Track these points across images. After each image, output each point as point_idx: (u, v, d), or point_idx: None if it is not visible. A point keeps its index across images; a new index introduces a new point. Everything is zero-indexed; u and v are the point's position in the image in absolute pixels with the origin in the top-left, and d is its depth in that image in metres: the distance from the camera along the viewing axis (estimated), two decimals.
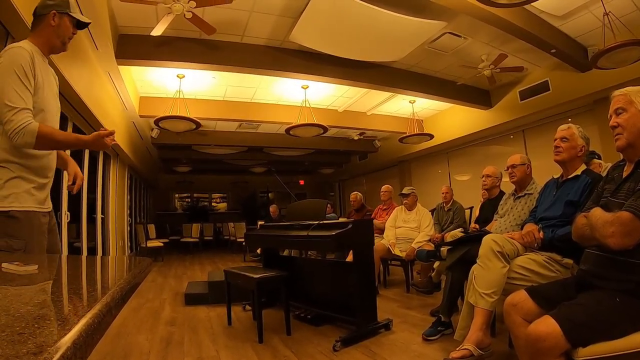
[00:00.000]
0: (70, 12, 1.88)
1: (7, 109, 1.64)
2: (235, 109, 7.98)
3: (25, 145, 1.69)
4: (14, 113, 1.65)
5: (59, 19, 1.86)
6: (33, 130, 1.67)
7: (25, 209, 1.75)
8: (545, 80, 6.74)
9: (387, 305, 4.20)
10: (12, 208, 1.71)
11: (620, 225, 1.46)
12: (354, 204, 6.58)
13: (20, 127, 1.64)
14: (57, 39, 1.89)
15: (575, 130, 2.47)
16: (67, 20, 1.88)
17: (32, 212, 1.79)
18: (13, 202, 1.71)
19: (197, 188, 17.74)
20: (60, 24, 1.86)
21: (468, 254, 2.76)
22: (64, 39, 1.91)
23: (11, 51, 1.72)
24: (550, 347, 1.46)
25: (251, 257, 9.59)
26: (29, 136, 1.66)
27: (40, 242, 1.84)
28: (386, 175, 13.15)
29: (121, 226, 8.52)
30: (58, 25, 1.86)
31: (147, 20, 4.71)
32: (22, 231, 1.73)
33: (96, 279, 1.15)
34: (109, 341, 3.17)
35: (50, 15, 1.83)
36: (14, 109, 1.65)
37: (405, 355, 2.72)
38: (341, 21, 4.79)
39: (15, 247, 1.69)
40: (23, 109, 1.67)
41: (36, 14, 1.87)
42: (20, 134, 1.64)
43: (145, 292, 5.38)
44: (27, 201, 1.77)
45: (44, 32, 1.86)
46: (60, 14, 1.85)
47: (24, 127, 1.65)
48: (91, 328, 0.50)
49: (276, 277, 3.33)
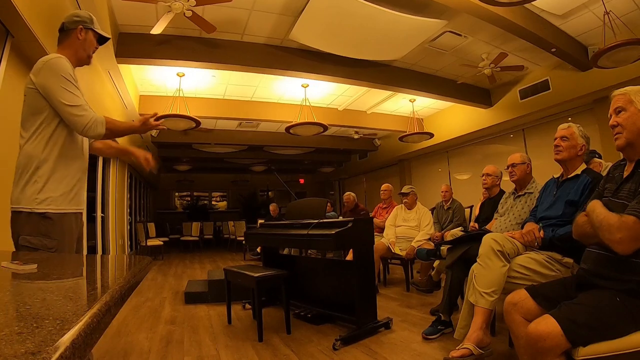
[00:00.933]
0: (94, 28, 2.06)
1: (71, 108, 1.82)
2: (235, 108, 7.97)
3: (98, 136, 1.90)
4: (82, 109, 1.84)
5: (85, 33, 2.02)
6: (103, 121, 1.89)
7: (60, 211, 1.87)
8: (546, 79, 6.73)
9: (387, 304, 4.20)
10: (47, 210, 1.82)
11: (627, 230, 1.46)
12: (348, 205, 6.58)
13: (92, 120, 1.84)
14: (83, 52, 2.04)
15: (576, 130, 2.47)
16: (92, 35, 2.05)
17: (65, 214, 1.91)
18: (50, 205, 1.83)
19: (197, 187, 17.75)
20: (87, 38, 2.03)
21: (468, 252, 2.77)
22: (89, 52, 2.07)
23: (53, 61, 1.84)
24: (551, 346, 1.46)
25: (251, 255, 9.60)
26: (101, 127, 1.87)
27: (71, 242, 1.97)
28: (386, 174, 13.15)
29: (121, 225, 8.52)
30: (85, 40, 2.02)
31: (147, 18, 4.71)
32: (56, 231, 1.85)
33: (96, 278, 1.15)
34: (109, 340, 3.17)
35: (78, 30, 1.99)
36: (78, 106, 1.83)
37: (405, 354, 2.72)
38: (341, 20, 4.78)
39: (49, 245, 1.81)
40: (85, 105, 1.86)
41: (63, 29, 2.01)
42: (94, 126, 1.85)
43: (145, 291, 5.39)
44: (62, 203, 1.89)
45: (72, 45, 2.01)
46: (86, 29, 2.02)
47: (95, 119, 1.85)
48: (90, 327, 0.50)
49: (276, 276, 3.32)
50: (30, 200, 1.80)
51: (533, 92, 7.00)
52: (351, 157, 14.73)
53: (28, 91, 1.85)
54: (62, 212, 1.89)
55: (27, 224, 1.80)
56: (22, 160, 1.84)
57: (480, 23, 4.75)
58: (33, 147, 1.83)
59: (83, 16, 2.03)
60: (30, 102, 1.85)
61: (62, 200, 1.89)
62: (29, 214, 1.80)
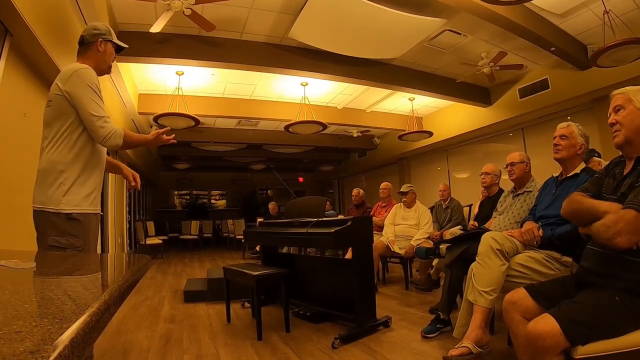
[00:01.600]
0: (113, 40, 2.17)
1: (95, 118, 1.93)
2: (234, 106, 7.96)
3: (115, 147, 2.00)
4: (104, 120, 1.95)
5: (105, 45, 2.13)
6: (121, 133, 2.00)
7: (84, 212, 1.98)
8: (545, 78, 6.72)
9: (386, 303, 4.20)
10: (73, 211, 1.92)
11: (626, 223, 1.46)
12: (356, 199, 6.57)
13: (112, 132, 1.96)
14: (104, 64, 2.16)
15: (575, 129, 2.47)
16: (110, 46, 2.17)
17: (88, 214, 2.02)
18: (75, 206, 1.94)
19: (196, 185, 17.73)
20: (106, 50, 2.15)
21: (467, 251, 2.77)
22: (109, 63, 2.19)
23: (82, 71, 1.95)
24: (550, 345, 1.46)
25: (250, 254, 9.60)
26: (119, 139, 1.99)
27: (95, 241, 2.11)
28: (385, 173, 13.15)
29: (120, 223, 8.51)
30: (105, 51, 2.14)
31: (146, 17, 4.70)
32: (82, 231, 1.96)
33: (95, 277, 1.15)
34: (109, 338, 3.17)
35: (98, 42, 2.11)
36: (101, 117, 1.95)
37: (404, 353, 2.72)
38: (341, 18, 4.77)
39: (76, 245, 1.92)
40: (107, 117, 1.98)
41: (84, 41, 2.11)
42: (113, 137, 1.96)
43: (144, 290, 5.39)
44: (85, 204, 1.99)
45: (93, 57, 2.11)
46: (105, 41, 2.13)
47: (114, 131, 1.97)
48: (89, 326, 0.50)
49: (275, 275, 3.33)
50: (57, 202, 1.90)
51: (532, 91, 6.99)
52: (350, 156, 14.72)
53: (55, 97, 1.93)
54: (85, 212, 1.99)
55: (55, 225, 1.89)
56: (45, 164, 1.93)
57: (480, 22, 4.75)
58: (59, 152, 1.92)
59: (102, 29, 2.14)
60: (56, 108, 1.93)
61: (85, 202, 1.99)
62: (56, 214, 1.89)
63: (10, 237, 2.93)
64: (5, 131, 2.96)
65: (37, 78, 3.48)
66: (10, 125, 3.06)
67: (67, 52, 3.48)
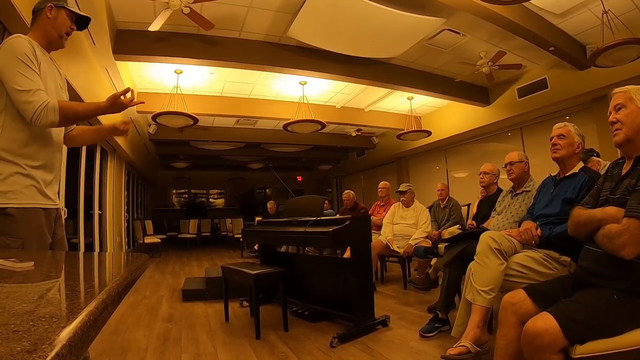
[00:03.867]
0: (66, 6, 1.87)
1: (20, 93, 1.63)
2: (233, 105, 7.96)
3: (51, 124, 1.70)
4: (31, 94, 1.64)
5: (56, 11, 1.84)
6: (55, 106, 1.67)
7: (24, 206, 1.70)
8: (544, 77, 6.74)
9: (385, 302, 4.20)
10: (9, 205, 1.65)
11: (630, 235, 1.46)
12: (347, 203, 6.56)
13: (42, 106, 1.64)
14: (54, 31, 1.86)
15: (572, 128, 2.48)
16: (64, 13, 1.87)
17: (31, 210, 1.73)
18: (11, 199, 1.66)
19: (194, 184, 17.71)
20: (57, 16, 1.85)
21: (465, 250, 2.77)
22: (60, 32, 1.88)
23: (9, 41, 1.69)
24: (549, 342, 1.46)
25: (249, 253, 9.60)
26: (52, 114, 1.66)
27: (41, 240, 1.78)
28: (384, 172, 13.16)
29: (118, 222, 8.50)
30: (55, 18, 1.84)
31: (144, 15, 4.69)
32: (19, 229, 1.68)
33: (93, 276, 1.15)
34: (106, 337, 3.16)
35: (47, 8, 1.83)
36: (28, 91, 1.63)
37: (402, 352, 2.72)
38: (339, 17, 4.77)
39: (12, 245, 1.64)
40: (38, 90, 1.66)
41: (34, 11, 1.86)
42: (44, 112, 1.64)
43: (142, 289, 5.38)
44: (27, 198, 1.72)
45: (41, 25, 1.84)
46: (56, 7, 1.84)
47: (45, 105, 1.64)
48: (87, 325, 0.49)
49: (273, 274, 3.32)
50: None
51: (531, 91, 7.01)
52: (349, 155, 14.74)
53: None
54: (26, 207, 1.71)
55: None
56: None
57: (479, 21, 4.75)
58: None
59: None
60: None
61: (27, 194, 1.72)
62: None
63: None
64: None
65: None
66: None
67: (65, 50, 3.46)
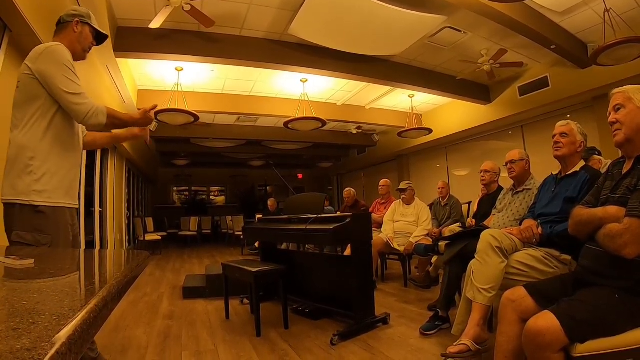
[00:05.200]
0: (91, 23, 2.05)
1: (72, 95, 1.77)
2: (233, 102, 7.95)
3: (98, 125, 1.85)
4: (82, 97, 1.79)
5: (82, 27, 2.01)
6: (103, 110, 1.84)
7: (54, 205, 1.82)
8: (545, 76, 6.72)
9: (385, 300, 4.21)
10: (42, 203, 1.77)
11: (632, 235, 1.46)
12: (348, 201, 6.56)
13: (94, 108, 1.80)
14: (79, 45, 2.02)
15: (574, 127, 2.47)
16: (88, 29, 2.05)
17: (59, 208, 1.85)
18: (45, 198, 1.78)
19: (195, 181, 17.73)
20: (82, 32, 2.02)
21: (466, 248, 2.77)
22: (84, 47, 2.05)
23: (53, 48, 1.81)
24: (550, 341, 1.46)
25: (249, 250, 9.61)
26: (102, 116, 1.83)
27: (66, 238, 1.91)
28: (384, 170, 13.14)
29: (119, 219, 8.51)
30: (80, 33, 2.01)
31: (145, 12, 4.68)
32: (50, 226, 1.79)
33: (93, 273, 1.15)
34: (107, 335, 3.17)
35: (74, 22, 1.99)
36: (79, 94, 1.79)
37: (402, 350, 2.73)
38: (340, 14, 4.76)
39: (42, 242, 1.76)
40: (85, 94, 1.81)
41: (61, 21, 2.01)
42: (95, 114, 1.80)
43: (143, 286, 5.39)
44: (57, 197, 1.83)
45: (68, 37, 1.99)
46: (82, 23, 2.02)
47: (96, 108, 1.81)
48: (87, 323, 0.49)
49: (274, 271, 3.33)
50: (25, 192, 1.74)
51: (532, 89, 6.99)
52: (350, 153, 14.72)
53: (23, 77, 1.78)
54: (56, 205, 1.82)
55: (20, 218, 1.74)
56: (14, 150, 1.77)
57: (480, 19, 4.74)
58: (28, 137, 1.76)
59: (80, 11, 2.04)
60: (24, 90, 1.78)
61: (57, 194, 1.83)
62: (22, 206, 1.74)
63: None
64: (3, 127, 2.95)
65: None
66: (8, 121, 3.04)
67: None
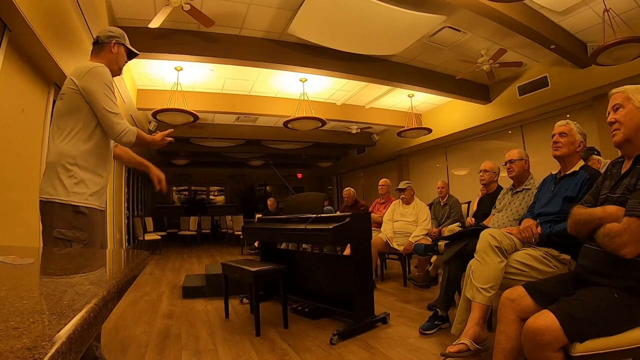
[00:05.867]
0: (125, 44, 2.26)
1: (112, 114, 1.99)
2: (233, 102, 7.94)
3: (128, 144, 2.09)
4: (120, 117, 2.02)
5: (118, 48, 2.22)
6: (134, 131, 2.08)
7: (91, 206, 2.01)
8: (544, 75, 6.72)
9: (385, 299, 4.21)
10: (83, 204, 1.96)
11: (631, 234, 1.46)
12: (347, 200, 6.56)
13: (127, 129, 2.04)
14: (116, 65, 2.23)
15: (573, 126, 2.47)
16: (123, 49, 2.26)
17: (95, 210, 2.04)
18: (84, 200, 1.97)
19: (194, 181, 17.69)
20: (119, 52, 2.23)
21: (465, 248, 2.77)
22: (120, 65, 2.27)
23: (98, 69, 2.01)
24: (549, 340, 1.46)
25: (249, 250, 9.62)
26: (132, 136, 2.06)
27: (100, 236, 2.13)
28: (384, 169, 13.15)
29: (119, 219, 8.50)
30: (117, 54, 2.22)
31: (145, 12, 4.67)
32: (88, 225, 1.98)
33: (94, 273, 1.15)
34: (107, 334, 3.17)
35: (112, 44, 2.19)
36: (117, 114, 2.01)
37: (402, 349, 2.73)
38: (340, 14, 4.76)
39: (82, 238, 1.94)
40: (121, 114, 2.04)
41: (98, 42, 2.20)
42: (128, 134, 2.04)
43: (143, 285, 5.39)
44: (94, 200, 2.03)
45: (105, 57, 2.19)
46: (118, 44, 2.22)
47: (129, 129, 2.05)
48: (87, 322, 0.49)
49: (274, 271, 3.33)
50: (65, 193, 1.92)
51: (532, 89, 6.99)
52: (349, 152, 14.71)
53: (68, 91, 1.98)
54: (93, 207, 2.01)
55: (62, 217, 1.90)
56: (55, 156, 1.95)
57: (480, 19, 4.73)
58: (72, 144, 1.96)
59: (117, 33, 2.23)
60: (69, 102, 1.98)
61: (93, 197, 2.02)
62: (63, 205, 1.91)
63: (6, 233, 2.92)
64: (2, 126, 2.95)
65: (35, 74, 3.46)
66: (8, 121, 3.05)
67: (66, 47, 3.45)
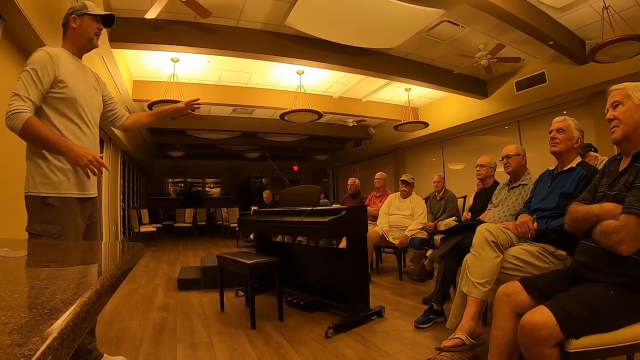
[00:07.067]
0: (88, 12, 2.07)
1: (13, 96, 1.82)
2: (229, 94, 7.90)
3: (12, 129, 1.81)
4: (15, 99, 1.81)
5: (80, 20, 2.06)
6: (23, 117, 1.78)
7: (62, 196, 1.90)
8: (542, 71, 6.72)
9: (380, 293, 4.22)
10: (52, 194, 1.86)
11: (628, 231, 1.46)
12: (351, 189, 6.57)
13: (13, 112, 1.78)
14: (82, 38, 2.09)
15: (571, 122, 2.47)
16: (87, 19, 2.08)
17: (69, 199, 1.93)
18: (53, 190, 1.87)
19: (190, 173, 17.63)
20: (81, 24, 2.07)
21: (461, 242, 2.77)
22: (89, 36, 2.10)
23: (32, 54, 1.91)
24: (545, 336, 1.47)
25: (244, 242, 9.61)
26: (17, 121, 1.77)
27: (77, 229, 1.99)
28: (380, 163, 13.17)
29: (114, 211, 8.48)
30: (80, 26, 2.07)
31: (141, 2, 4.62)
32: (58, 217, 1.88)
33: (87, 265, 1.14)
34: (102, 327, 3.16)
35: (71, 20, 2.06)
36: (18, 96, 1.82)
37: (397, 343, 2.74)
38: (338, 7, 4.72)
39: (52, 232, 1.84)
40: (24, 97, 1.82)
41: (63, 25, 2.10)
42: (12, 117, 1.78)
43: (138, 278, 5.38)
44: (63, 187, 1.91)
45: (69, 36, 2.09)
46: (79, 16, 2.06)
47: (17, 112, 1.78)
48: (79, 317, 0.48)
49: (269, 263, 3.32)
50: (33, 185, 1.86)
51: (529, 85, 7.00)
52: (345, 145, 14.72)
53: None
54: (64, 196, 1.91)
55: (33, 211, 1.86)
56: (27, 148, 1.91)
57: (478, 13, 4.71)
58: None
59: (74, 6, 2.08)
60: None
61: (63, 185, 1.91)
62: (33, 197, 1.86)
63: (1, 226, 2.90)
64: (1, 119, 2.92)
65: None
66: (2, 112, 3.01)
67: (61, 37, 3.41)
